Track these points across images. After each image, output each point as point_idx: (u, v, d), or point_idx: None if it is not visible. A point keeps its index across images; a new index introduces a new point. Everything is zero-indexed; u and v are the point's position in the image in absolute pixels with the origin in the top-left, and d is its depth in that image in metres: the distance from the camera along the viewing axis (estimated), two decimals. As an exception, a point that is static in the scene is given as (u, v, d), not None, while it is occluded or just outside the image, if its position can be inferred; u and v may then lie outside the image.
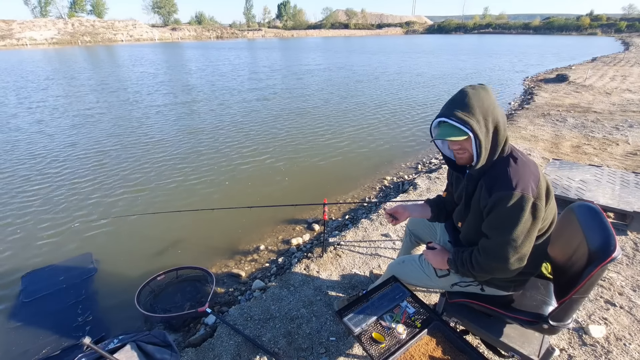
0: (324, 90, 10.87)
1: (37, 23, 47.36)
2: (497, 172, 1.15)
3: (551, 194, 1.16)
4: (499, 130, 1.14)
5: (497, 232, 1.14)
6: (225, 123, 7.12)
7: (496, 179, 1.14)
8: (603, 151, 4.72)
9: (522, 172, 1.11)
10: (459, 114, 1.11)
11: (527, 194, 1.08)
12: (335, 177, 4.60)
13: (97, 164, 5.04)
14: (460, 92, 1.15)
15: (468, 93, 1.13)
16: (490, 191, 1.14)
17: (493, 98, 1.13)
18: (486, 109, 1.11)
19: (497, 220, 1.14)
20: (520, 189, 1.08)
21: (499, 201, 1.11)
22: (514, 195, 1.08)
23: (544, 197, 1.11)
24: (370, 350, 1.28)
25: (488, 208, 1.16)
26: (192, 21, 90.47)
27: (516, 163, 1.14)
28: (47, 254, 3.08)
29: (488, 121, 1.12)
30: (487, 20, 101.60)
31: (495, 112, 1.12)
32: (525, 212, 1.08)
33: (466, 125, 1.11)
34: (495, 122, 1.13)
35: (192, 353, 1.86)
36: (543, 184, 1.13)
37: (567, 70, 13.65)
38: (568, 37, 56.16)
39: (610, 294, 2.15)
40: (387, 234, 2.90)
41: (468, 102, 1.11)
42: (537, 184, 1.11)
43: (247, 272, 2.82)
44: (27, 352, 2.13)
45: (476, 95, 1.12)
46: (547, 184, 1.15)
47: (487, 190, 1.16)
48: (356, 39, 60.35)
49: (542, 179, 1.14)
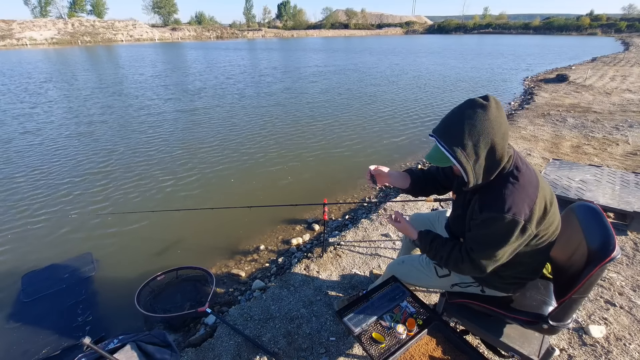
0: (324, 90, 10.87)
1: (37, 23, 47.36)
2: (492, 190, 1.12)
3: (550, 211, 1.13)
4: (496, 152, 1.07)
5: (481, 247, 1.15)
6: (226, 123, 7.12)
7: (489, 199, 1.12)
8: (603, 151, 4.72)
9: (517, 194, 1.08)
10: (445, 139, 1.08)
11: (518, 218, 1.05)
12: (335, 177, 4.60)
13: (97, 163, 5.03)
14: (454, 113, 1.09)
15: (461, 115, 1.06)
16: (482, 208, 1.13)
17: (492, 116, 1.03)
18: (479, 133, 1.03)
19: (483, 237, 1.14)
20: (512, 213, 1.05)
21: (488, 221, 1.10)
22: (505, 218, 1.06)
23: (535, 220, 1.09)
24: (370, 350, 1.28)
25: (476, 223, 1.16)
26: (192, 21, 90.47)
27: (514, 184, 1.09)
28: (47, 254, 3.08)
29: (479, 147, 1.05)
30: (487, 20, 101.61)
31: (490, 134, 1.04)
32: (513, 236, 1.08)
33: (451, 154, 1.07)
34: (490, 145, 1.05)
35: (192, 353, 1.86)
36: (539, 206, 1.09)
37: (567, 70, 13.65)
38: (568, 37, 56.19)
39: (610, 294, 2.15)
40: (387, 234, 2.90)
41: (457, 127, 1.06)
42: (532, 207, 1.07)
43: (247, 272, 2.82)
44: (27, 352, 2.13)
45: (470, 117, 1.04)
46: (545, 203, 1.11)
47: (479, 207, 1.15)
48: (356, 39, 60.35)
49: (540, 200, 1.09)
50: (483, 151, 1.06)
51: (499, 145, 1.06)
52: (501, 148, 1.07)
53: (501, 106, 1.08)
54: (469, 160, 1.06)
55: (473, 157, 1.06)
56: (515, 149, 1.20)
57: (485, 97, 1.06)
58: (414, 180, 1.53)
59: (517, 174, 1.11)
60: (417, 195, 1.59)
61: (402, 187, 1.57)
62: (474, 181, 1.10)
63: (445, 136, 1.08)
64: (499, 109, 1.06)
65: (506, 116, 1.12)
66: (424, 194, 1.58)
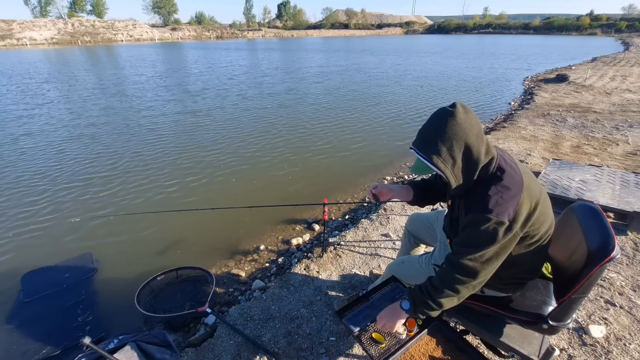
0: (327, 91, 10.87)
1: (37, 23, 47.37)
2: (476, 193, 1.15)
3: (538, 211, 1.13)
4: (472, 152, 1.11)
5: (466, 250, 1.14)
6: (226, 124, 7.13)
7: (473, 201, 1.14)
8: (603, 151, 4.72)
9: (501, 195, 1.09)
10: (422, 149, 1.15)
11: (502, 218, 1.07)
12: (335, 177, 4.60)
13: (97, 164, 5.03)
14: (427, 124, 1.16)
15: (432, 124, 1.14)
16: (467, 210, 1.15)
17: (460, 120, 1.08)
18: (450, 137, 1.09)
19: (468, 239, 1.14)
20: (494, 214, 1.07)
21: (473, 222, 1.11)
22: (488, 219, 1.07)
23: (521, 221, 1.09)
24: (370, 350, 1.28)
25: (462, 226, 1.17)
26: (192, 21, 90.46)
27: (496, 185, 1.11)
28: (47, 254, 3.08)
29: (453, 150, 1.10)
30: (487, 20, 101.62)
31: (462, 137, 1.09)
32: (498, 236, 1.08)
33: (429, 162, 1.14)
34: (464, 147, 1.09)
35: (192, 353, 1.86)
36: (525, 206, 1.10)
37: (567, 70, 13.65)
38: (568, 37, 56.18)
39: (610, 294, 2.15)
40: (387, 234, 2.90)
41: (430, 135, 1.13)
42: (516, 207, 1.09)
43: (247, 272, 2.82)
44: (27, 352, 2.13)
45: (440, 125, 1.11)
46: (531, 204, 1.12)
47: (464, 209, 1.17)
48: (356, 39, 60.36)
49: (525, 200, 1.11)
50: (458, 154, 1.11)
51: (473, 145, 1.11)
52: (476, 148, 1.11)
53: (469, 109, 1.13)
54: (447, 165, 1.12)
55: (450, 160, 1.12)
56: (501, 150, 1.23)
57: (452, 105, 1.13)
58: (416, 191, 1.56)
59: (500, 175, 1.14)
60: (423, 205, 1.61)
61: (406, 200, 1.60)
62: (456, 182, 1.15)
63: (422, 146, 1.15)
64: (467, 112, 1.11)
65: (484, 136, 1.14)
66: (429, 202, 1.60)
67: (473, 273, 1.13)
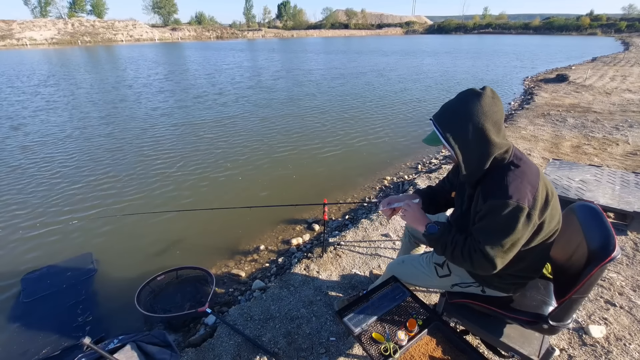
0: (325, 92, 10.87)
1: (37, 23, 47.36)
2: (494, 179, 1.14)
3: (551, 203, 1.13)
4: (487, 136, 1.10)
5: (489, 237, 1.12)
6: (227, 124, 7.13)
7: (492, 187, 1.13)
8: (603, 151, 4.72)
9: (520, 181, 1.09)
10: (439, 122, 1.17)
11: (522, 204, 1.06)
12: (335, 177, 4.60)
13: (97, 165, 5.04)
14: (452, 100, 1.17)
15: (457, 101, 1.14)
16: (485, 197, 1.13)
17: (484, 103, 1.09)
18: (468, 116, 1.10)
19: (489, 226, 1.13)
20: (515, 199, 1.06)
21: (493, 209, 1.10)
22: (509, 205, 1.07)
23: (539, 207, 1.09)
24: (370, 350, 1.28)
25: (481, 214, 1.15)
26: (192, 21, 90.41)
27: (514, 171, 1.11)
28: (47, 254, 3.08)
29: (467, 129, 1.10)
30: (487, 20, 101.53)
31: (481, 119, 1.09)
32: (519, 222, 1.07)
33: (441, 134, 1.16)
34: (480, 129, 1.09)
35: (192, 353, 1.86)
36: (542, 194, 1.10)
37: (567, 70, 13.65)
38: (568, 37, 56.16)
39: (610, 294, 2.15)
40: (387, 234, 2.90)
41: (450, 110, 1.15)
42: (535, 194, 1.09)
43: (247, 272, 2.82)
44: (27, 352, 2.13)
45: (463, 103, 1.12)
46: (547, 193, 1.12)
47: (482, 196, 1.15)
48: (357, 39, 60.34)
49: (542, 188, 1.11)
50: (472, 134, 1.11)
51: (489, 130, 1.10)
52: (493, 134, 1.11)
53: (498, 97, 1.13)
54: (457, 142, 1.14)
55: (462, 139, 1.13)
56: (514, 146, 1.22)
57: (483, 87, 1.13)
58: (424, 198, 1.55)
59: (517, 162, 1.14)
60: (432, 213, 1.59)
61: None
62: (464, 163, 1.16)
63: (440, 119, 1.17)
64: (494, 98, 1.12)
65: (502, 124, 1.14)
66: (438, 208, 1.58)
67: (492, 261, 1.12)
